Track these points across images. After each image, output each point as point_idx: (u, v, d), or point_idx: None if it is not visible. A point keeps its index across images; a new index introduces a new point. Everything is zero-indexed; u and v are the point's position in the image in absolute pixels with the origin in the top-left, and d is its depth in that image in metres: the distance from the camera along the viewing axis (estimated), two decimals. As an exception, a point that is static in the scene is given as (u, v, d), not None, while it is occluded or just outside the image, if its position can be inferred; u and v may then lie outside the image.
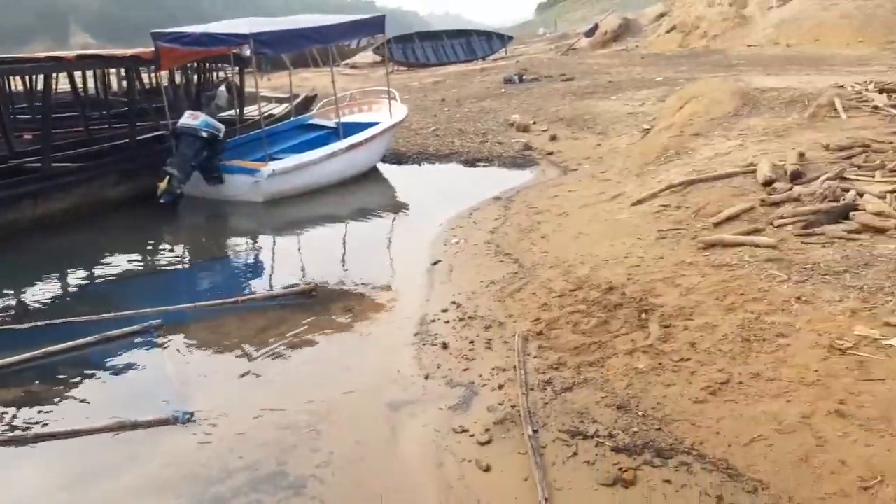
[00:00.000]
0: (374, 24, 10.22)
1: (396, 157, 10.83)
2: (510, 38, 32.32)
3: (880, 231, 4.55)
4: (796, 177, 5.64)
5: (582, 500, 2.74)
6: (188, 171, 8.04)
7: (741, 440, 2.90)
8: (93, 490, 3.25)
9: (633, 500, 2.68)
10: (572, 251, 5.50)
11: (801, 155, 6.05)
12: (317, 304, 5.32)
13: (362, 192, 9.23)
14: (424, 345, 4.34)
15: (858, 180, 5.35)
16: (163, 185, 7.85)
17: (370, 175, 9.93)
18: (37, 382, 4.26)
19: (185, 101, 10.59)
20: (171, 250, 7.62)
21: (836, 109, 7.46)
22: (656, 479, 2.77)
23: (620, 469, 2.85)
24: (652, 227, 5.61)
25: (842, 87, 8.48)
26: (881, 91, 7.84)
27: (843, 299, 3.78)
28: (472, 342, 4.27)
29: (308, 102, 13.29)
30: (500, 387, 3.69)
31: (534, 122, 12.28)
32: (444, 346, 4.27)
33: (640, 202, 6.29)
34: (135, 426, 3.63)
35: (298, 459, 3.30)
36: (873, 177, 5.36)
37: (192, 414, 3.67)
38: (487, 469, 3.03)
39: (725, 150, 7.09)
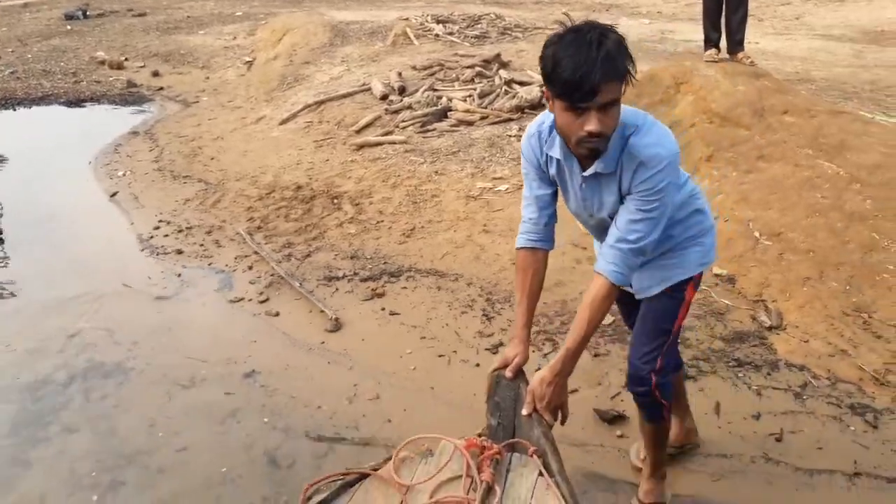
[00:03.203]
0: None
1: (-19, 105, 9.74)
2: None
3: (470, 123, 6.54)
4: (403, 91, 7.38)
5: (356, 310, 3.94)
6: None
7: (437, 256, 4.44)
8: None
9: (388, 302, 4.00)
10: (248, 166, 6.38)
11: (400, 74, 7.82)
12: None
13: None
14: (158, 255, 4.86)
15: (445, 90, 7.32)
16: None
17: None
18: None
19: None
20: None
21: (409, 37, 9.48)
22: (397, 288, 4.13)
23: (372, 289, 4.12)
24: (307, 139, 6.81)
25: (407, 19, 10.61)
26: (437, 21, 10.16)
27: (464, 168, 5.60)
28: (202, 245, 4.96)
29: None
30: (250, 268, 4.57)
31: (125, 59, 12.05)
32: (179, 252, 4.87)
33: (285, 121, 7.39)
34: None
35: (111, 355, 3.74)
36: (454, 86, 7.39)
37: None
38: (277, 314, 3.99)
39: (337, 74, 8.56)
